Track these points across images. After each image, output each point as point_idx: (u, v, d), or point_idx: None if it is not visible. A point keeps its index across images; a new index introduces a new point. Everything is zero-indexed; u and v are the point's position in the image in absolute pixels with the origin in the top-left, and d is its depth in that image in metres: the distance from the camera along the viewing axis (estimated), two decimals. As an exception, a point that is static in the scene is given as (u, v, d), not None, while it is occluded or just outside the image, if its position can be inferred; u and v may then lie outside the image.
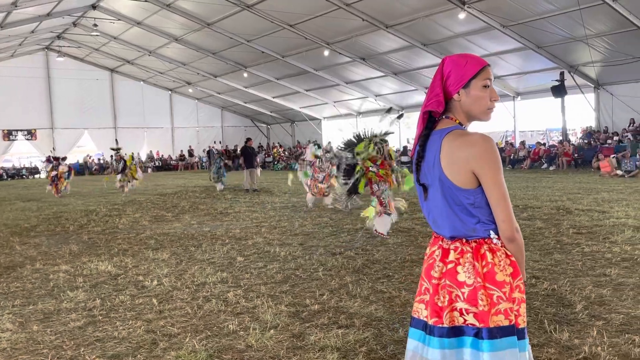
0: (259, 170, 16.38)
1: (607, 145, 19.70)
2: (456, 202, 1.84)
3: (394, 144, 29.16)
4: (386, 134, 7.17)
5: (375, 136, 7.08)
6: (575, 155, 21.02)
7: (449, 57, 1.93)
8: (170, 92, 36.13)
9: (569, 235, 6.89)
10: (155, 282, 5.36)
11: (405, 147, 25.66)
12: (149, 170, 33.33)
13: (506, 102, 24.53)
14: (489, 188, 1.79)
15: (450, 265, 1.86)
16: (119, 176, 16.30)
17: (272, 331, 3.87)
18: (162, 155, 35.77)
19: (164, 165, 34.48)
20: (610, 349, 3.31)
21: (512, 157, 23.35)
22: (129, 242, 7.77)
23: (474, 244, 1.85)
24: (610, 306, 4.09)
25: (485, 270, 1.81)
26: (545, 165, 21.46)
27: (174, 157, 35.72)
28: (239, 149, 20.92)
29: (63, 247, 7.55)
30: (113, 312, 4.48)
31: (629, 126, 20.26)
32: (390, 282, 5.09)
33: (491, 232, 1.84)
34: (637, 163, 16.75)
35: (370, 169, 6.88)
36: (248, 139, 16.48)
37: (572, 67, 20.32)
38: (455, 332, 1.83)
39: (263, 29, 21.81)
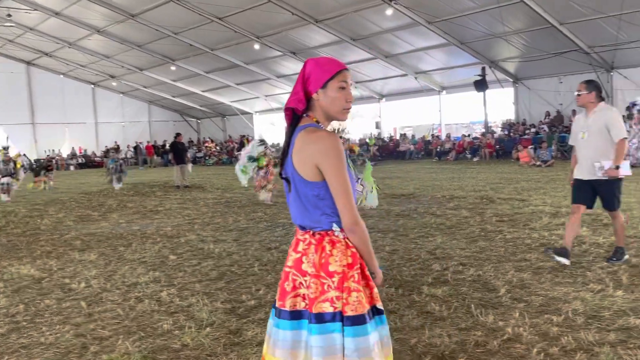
0: (189, 165, 16.04)
1: (525, 136, 20.86)
2: (305, 195, 1.97)
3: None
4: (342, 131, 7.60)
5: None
6: (497, 146, 22.15)
7: (311, 59, 2.05)
8: (93, 86, 34.47)
9: (492, 223, 7.27)
10: (83, 285, 5.15)
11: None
12: (72, 167, 31.79)
13: (432, 96, 25.42)
14: (331, 181, 1.90)
15: (297, 255, 2.01)
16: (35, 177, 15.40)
17: (208, 329, 3.83)
18: (86, 152, 34.17)
19: (88, 162, 32.92)
20: (531, 329, 3.54)
21: (438, 149, 24.21)
22: (53, 244, 7.39)
23: (318, 236, 1.98)
24: (530, 289, 4.36)
25: (322, 261, 1.95)
26: (469, 157, 22.45)
27: (98, 154, 34.19)
28: (167, 145, 20.38)
29: (-21, 252, 7.07)
30: (38, 317, 4.27)
31: (545, 118, 21.55)
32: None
33: (334, 224, 1.96)
34: (553, 153, 17.88)
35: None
36: (177, 134, 16.08)
37: (492, 62, 21.31)
38: (296, 315, 1.98)
39: (191, 22, 21.28)
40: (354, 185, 2.04)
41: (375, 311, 2.01)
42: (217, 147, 33.67)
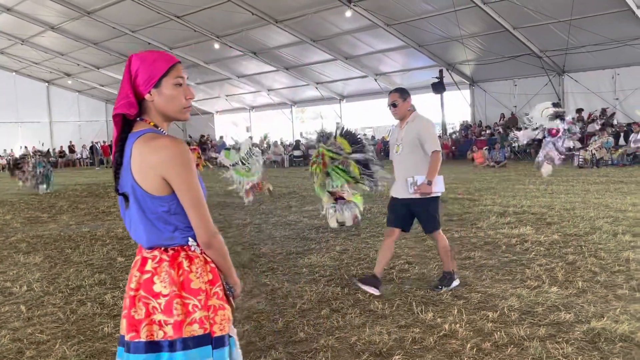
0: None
1: (481, 138, 21.38)
2: (151, 211, 1.74)
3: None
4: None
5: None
6: (453, 147, 22.62)
7: (136, 55, 1.81)
8: (47, 84, 33.47)
9: (441, 222, 7.40)
10: (24, 288, 5.01)
11: (297, 141, 25.93)
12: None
13: (392, 98, 25.73)
14: (181, 193, 1.71)
15: (146, 276, 1.76)
16: None
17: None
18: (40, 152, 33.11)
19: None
20: (467, 325, 3.65)
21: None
22: (-3, 247, 7.16)
23: (171, 252, 1.78)
24: (471, 286, 4.49)
25: (181, 278, 1.75)
26: (427, 158, 22.83)
27: (52, 154, 33.18)
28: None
29: None
30: (-27, 323, 4.14)
31: (500, 120, 22.12)
32: (274, 274, 5.19)
33: (190, 239, 1.79)
34: (506, 154, 18.38)
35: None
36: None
37: (449, 65, 21.77)
38: (153, 347, 1.72)
39: (149, 20, 20.97)
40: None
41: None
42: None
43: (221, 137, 31.63)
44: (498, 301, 4.07)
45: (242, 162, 9.02)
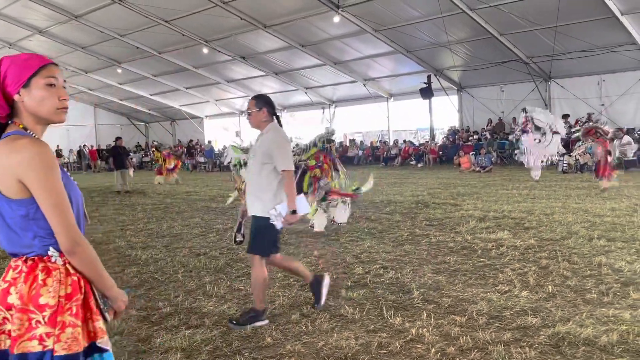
0: (131, 170, 15.68)
1: (468, 143, 21.49)
2: (9, 215, 1.67)
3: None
4: (331, 133, 7.39)
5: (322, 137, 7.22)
6: (440, 152, 22.72)
7: (6, 57, 1.74)
8: (35, 88, 33.24)
9: (421, 227, 7.45)
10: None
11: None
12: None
13: (381, 103, 25.83)
14: (39, 197, 1.63)
15: (4, 285, 1.68)
16: None
17: (116, 337, 3.76)
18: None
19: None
20: (435, 329, 3.66)
21: (385, 155, 24.63)
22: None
23: (30, 262, 1.69)
24: (443, 291, 4.50)
25: (33, 292, 1.65)
26: (414, 163, 22.94)
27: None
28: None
29: None
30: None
31: (487, 126, 22.26)
32: (249, 279, 5.15)
33: (51, 248, 1.69)
34: (492, 159, 18.48)
35: (314, 166, 6.96)
36: (117, 138, 15.67)
37: (437, 70, 21.89)
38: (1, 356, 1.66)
39: (137, 24, 20.90)
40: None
41: (95, 349, 1.74)
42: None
43: (209, 142, 31.57)
44: (468, 305, 4.08)
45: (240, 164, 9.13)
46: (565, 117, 19.61)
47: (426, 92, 21.86)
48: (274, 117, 4.04)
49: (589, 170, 14.87)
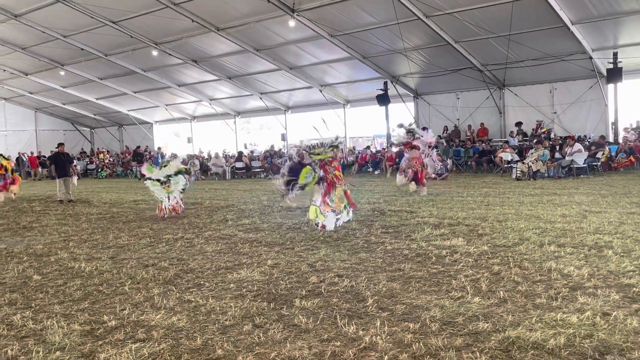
0: (75, 178, 14.99)
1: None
2: None
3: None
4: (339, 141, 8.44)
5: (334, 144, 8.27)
6: (397, 160, 22.89)
7: None
8: (-30, 90, 31.57)
9: (377, 235, 7.44)
10: None
11: (240, 153, 25.63)
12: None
13: (337, 109, 25.85)
14: None
15: None
16: None
17: (57, 353, 3.56)
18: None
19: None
20: (388, 337, 3.63)
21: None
22: None
23: None
24: (397, 298, 4.49)
25: None
26: (371, 170, 23.05)
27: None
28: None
29: None
30: None
31: (444, 133, 22.58)
32: (200, 290, 5.01)
33: None
34: (448, 167, 18.80)
35: (331, 170, 8.02)
36: (60, 144, 14.94)
37: (394, 77, 22.13)
38: None
39: (82, 24, 20.17)
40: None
41: None
42: (112, 159, 32.02)
43: (159, 149, 30.81)
44: (421, 312, 4.08)
45: (161, 181, 9.57)
46: (518, 124, 20.30)
47: (383, 99, 22.02)
48: None
49: (542, 177, 15.38)
